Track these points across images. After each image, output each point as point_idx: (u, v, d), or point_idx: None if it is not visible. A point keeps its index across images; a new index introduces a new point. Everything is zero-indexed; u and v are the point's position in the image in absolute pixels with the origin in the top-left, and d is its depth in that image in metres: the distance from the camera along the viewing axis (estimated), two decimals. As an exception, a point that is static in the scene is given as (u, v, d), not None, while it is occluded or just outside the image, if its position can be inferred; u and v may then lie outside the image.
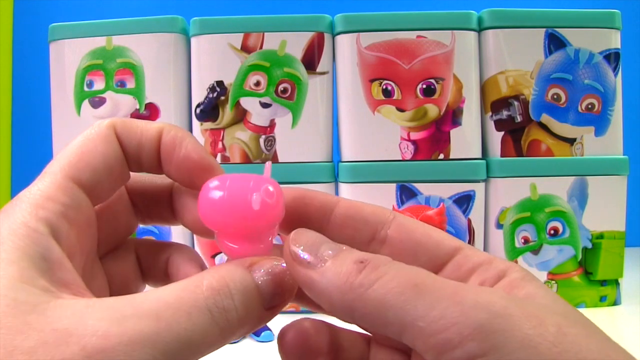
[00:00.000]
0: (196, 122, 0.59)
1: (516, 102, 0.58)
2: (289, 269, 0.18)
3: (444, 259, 0.19)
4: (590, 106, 0.58)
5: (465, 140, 0.58)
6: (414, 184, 0.56)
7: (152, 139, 0.20)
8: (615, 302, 0.58)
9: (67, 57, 0.60)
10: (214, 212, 0.17)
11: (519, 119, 0.58)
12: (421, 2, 0.90)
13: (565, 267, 0.58)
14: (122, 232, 0.22)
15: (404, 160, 0.57)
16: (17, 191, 0.17)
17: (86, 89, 0.60)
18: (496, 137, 0.58)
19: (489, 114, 0.59)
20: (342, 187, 0.57)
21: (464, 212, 0.57)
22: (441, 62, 0.57)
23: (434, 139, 0.57)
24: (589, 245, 0.58)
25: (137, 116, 0.59)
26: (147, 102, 0.59)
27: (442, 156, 0.57)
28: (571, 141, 0.58)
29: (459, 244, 0.19)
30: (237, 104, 0.58)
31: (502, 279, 0.18)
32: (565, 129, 0.58)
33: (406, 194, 0.56)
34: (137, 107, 0.59)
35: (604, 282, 0.58)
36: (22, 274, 0.15)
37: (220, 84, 0.58)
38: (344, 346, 0.20)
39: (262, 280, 0.17)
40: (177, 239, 0.59)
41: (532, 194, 0.57)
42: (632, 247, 0.73)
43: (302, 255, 0.17)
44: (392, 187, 0.56)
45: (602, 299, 0.58)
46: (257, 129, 0.58)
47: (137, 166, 0.20)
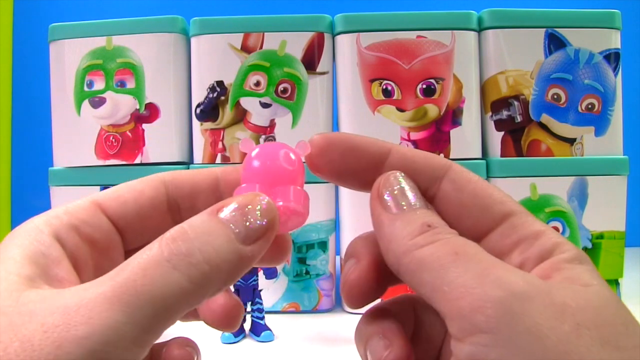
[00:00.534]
0: (196, 122, 0.59)
1: (516, 102, 0.58)
2: (371, 200, 0.19)
3: (490, 225, 0.18)
4: (590, 106, 0.58)
5: (465, 140, 0.58)
6: (414, 184, 0.56)
7: (207, 191, 0.20)
8: (615, 302, 0.58)
9: (67, 57, 0.60)
10: (252, 168, 0.20)
11: (519, 119, 0.58)
12: (421, 2, 0.90)
13: (565, 267, 0.58)
14: None
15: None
16: (17, 191, 0.18)
17: (86, 89, 0.60)
18: (496, 137, 0.58)
19: (489, 114, 0.59)
20: (342, 187, 0.57)
21: (464, 212, 0.57)
22: (441, 62, 0.57)
23: (434, 139, 0.57)
24: (589, 245, 0.58)
25: (137, 116, 0.59)
26: (147, 102, 0.59)
27: (442, 156, 0.57)
28: (571, 141, 0.58)
29: (509, 209, 0.18)
30: (237, 104, 0.58)
31: (546, 260, 0.17)
32: (565, 129, 0.58)
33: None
34: (137, 107, 0.59)
35: (604, 282, 0.58)
36: (12, 265, 0.16)
37: (220, 84, 0.58)
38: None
39: (230, 216, 0.17)
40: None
41: (532, 194, 0.57)
42: (632, 247, 0.73)
43: (386, 196, 0.18)
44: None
45: (602, 299, 0.58)
46: (257, 129, 0.58)
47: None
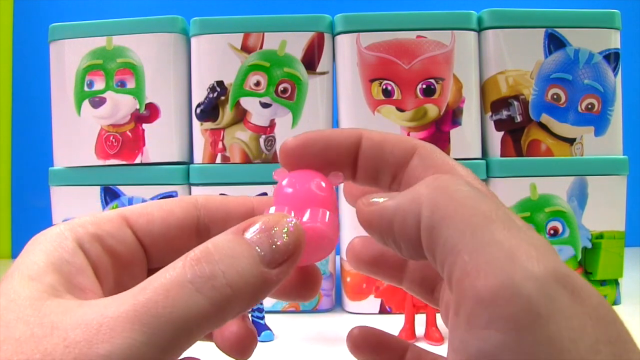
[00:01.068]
0: (196, 122, 0.59)
1: (516, 102, 0.58)
2: (359, 212, 0.18)
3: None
4: (590, 106, 0.58)
5: (465, 140, 0.58)
6: (414, 184, 0.56)
7: (240, 219, 0.20)
8: (614, 302, 0.58)
9: (67, 57, 0.60)
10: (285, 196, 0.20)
11: (519, 119, 0.58)
12: (421, 2, 0.90)
13: (565, 267, 0.58)
14: None
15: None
16: (17, 191, 0.18)
17: (86, 89, 0.60)
18: (496, 137, 0.58)
19: (489, 114, 0.59)
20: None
21: (464, 212, 0.57)
22: (441, 62, 0.57)
23: (433, 139, 0.57)
24: (589, 245, 0.58)
25: (137, 116, 0.59)
26: (147, 102, 0.59)
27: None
28: (571, 141, 0.58)
29: (451, 167, 0.19)
30: (237, 104, 0.58)
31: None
32: (565, 129, 0.58)
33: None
34: (137, 107, 0.59)
35: (603, 282, 0.58)
36: (36, 273, 0.16)
37: (220, 84, 0.58)
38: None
39: (256, 238, 0.16)
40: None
41: (532, 194, 0.57)
42: (632, 247, 0.73)
43: (373, 199, 0.18)
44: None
45: (602, 299, 0.58)
46: (257, 129, 0.58)
47: None
